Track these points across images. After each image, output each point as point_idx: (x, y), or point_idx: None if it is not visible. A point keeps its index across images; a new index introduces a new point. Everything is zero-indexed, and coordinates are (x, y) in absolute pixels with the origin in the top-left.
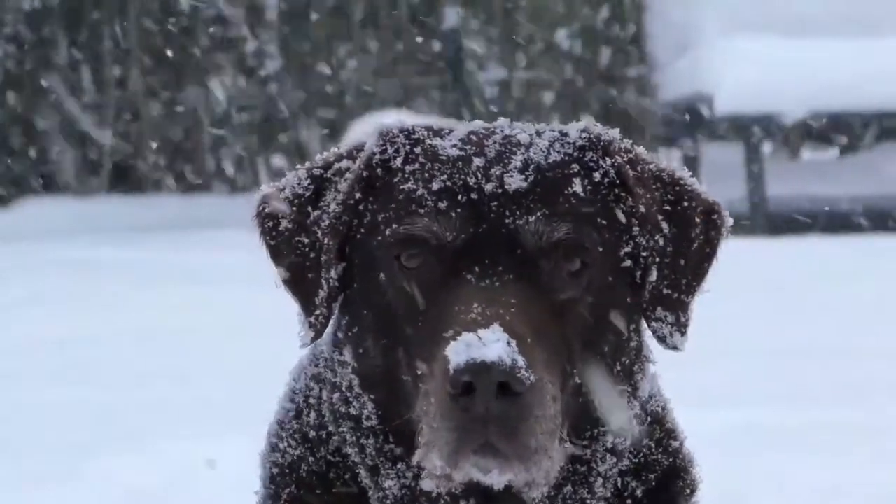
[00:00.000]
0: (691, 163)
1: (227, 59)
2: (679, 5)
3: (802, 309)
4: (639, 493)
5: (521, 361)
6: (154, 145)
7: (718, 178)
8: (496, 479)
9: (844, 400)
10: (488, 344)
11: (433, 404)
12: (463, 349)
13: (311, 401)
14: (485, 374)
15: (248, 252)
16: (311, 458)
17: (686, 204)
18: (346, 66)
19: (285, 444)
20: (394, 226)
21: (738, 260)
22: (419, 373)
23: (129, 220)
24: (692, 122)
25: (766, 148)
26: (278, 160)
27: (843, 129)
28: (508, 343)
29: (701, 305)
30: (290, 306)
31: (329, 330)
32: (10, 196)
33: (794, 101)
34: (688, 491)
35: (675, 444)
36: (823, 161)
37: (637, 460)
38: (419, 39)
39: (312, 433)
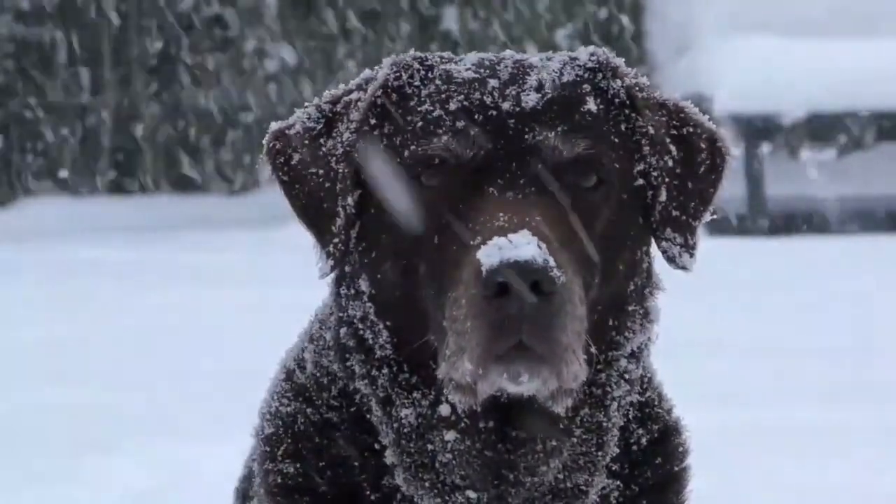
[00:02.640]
0: None
1: (225, 58)
2: (678, 5)
3: (801, 308)
4: (644, 441)
5: (552, 261)
6: (153, 146)
7: None
8: (525, 385)
9: (844, 400)
10: (520, 246)
11: (463, 308)
12: (495, 251)
13: (306, 355)
14: (519, 273)
15: (246, 253)
16: (308, 409)
17: (691, 129)
18: (344, 66)
19: (277, 405)
20: (412, 147)
21: (737, 259)
22: (445, 284)
23: (128, 220)
24: None
25: (766, 148)
26: None
27: (842, 129)
28: (539, 245)
29: (699, 303)
30: (287, 306)
31: (330, 276)
32: (9, 196)
33: (794, 101)
34: (681, 449)
35: (667, 406)
36: (823, 161)
37: (644, 402)
38: (418, 41)
39: (309, 383)
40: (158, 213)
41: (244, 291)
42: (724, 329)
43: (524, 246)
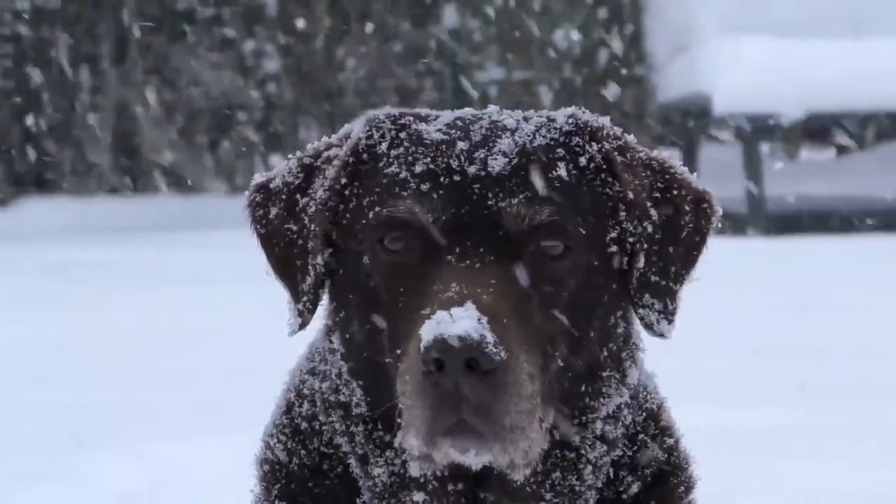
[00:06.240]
0: (689, 163)
1: (225, 58)
2: (676, 6)
3: (799, 308)
4: (634, 488)
5: (489, 337)
6: (151, 145)
7: (717, 178)
8: (474, 459)
9: (840, 400)
10: (458, 320)
11: (409, 384)
12: (434, 327)
13: (305, 392)
14: (451, 350)
15: (244, 253)
16: (302, 452)
17: (676, 192)
18: (344, 66)
19: (275, 441)
20: (377, 209)
21: (735, 260)
22: (399, 354)
23: (126, 220)
24: (690, 122)
25: (765, 148)
26: (276, 160)
27: (841, 129)
28: (479, 320)
29: (698, 303)
30: (283, 308)
31: (322, 320)
32: (8, 196)
33: (792, 102)
34: (682, 489)
35: (671, 441)
36: (821, 161)
37: (632, 454)
38: (417, 39)
39: (304, 424)
40: (155, 214)
41: (239, 292)
42: (717, 328)
43: (461, 321)
